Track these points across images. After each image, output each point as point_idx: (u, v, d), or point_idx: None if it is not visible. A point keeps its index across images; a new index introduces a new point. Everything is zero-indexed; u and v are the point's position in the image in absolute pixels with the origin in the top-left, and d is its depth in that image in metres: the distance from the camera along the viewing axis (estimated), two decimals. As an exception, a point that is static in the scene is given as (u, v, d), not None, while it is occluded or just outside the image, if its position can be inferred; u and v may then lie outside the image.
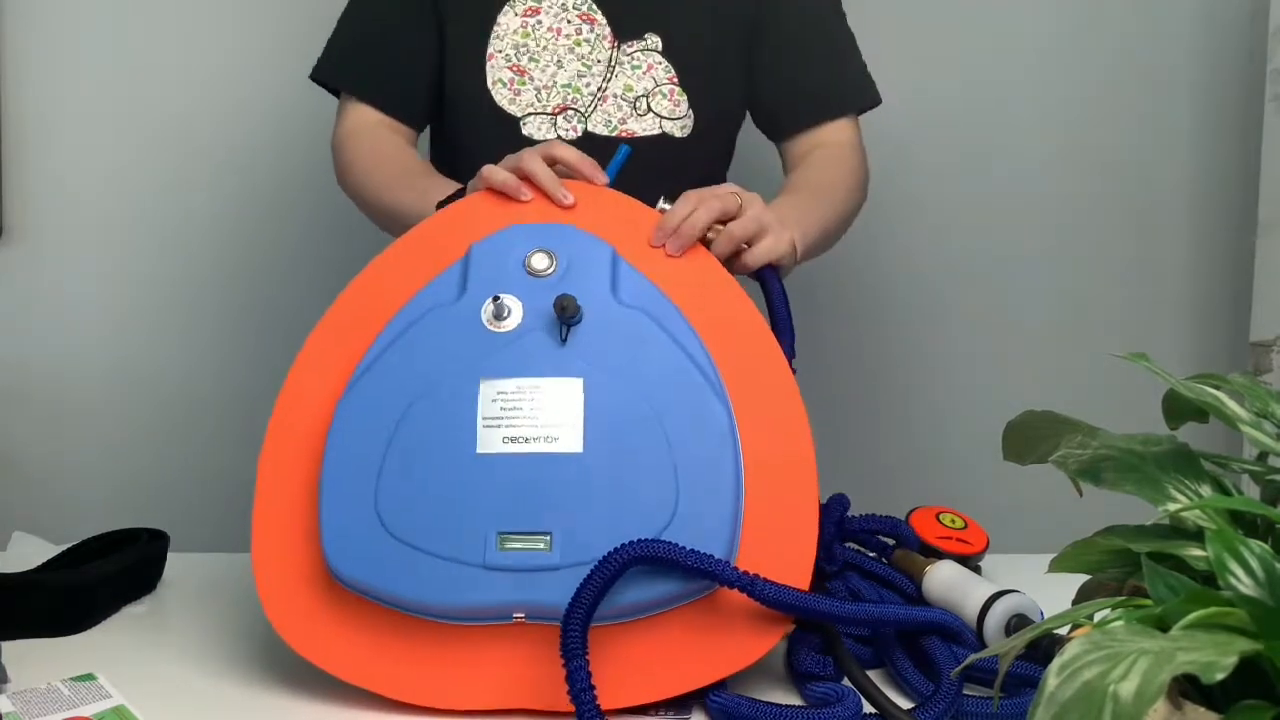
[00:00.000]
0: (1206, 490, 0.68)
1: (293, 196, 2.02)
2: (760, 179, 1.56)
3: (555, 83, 1.38)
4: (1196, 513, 0.65)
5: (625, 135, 1.39)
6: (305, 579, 0.97)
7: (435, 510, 0.93)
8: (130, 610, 1.13)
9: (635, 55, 1.38)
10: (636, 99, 1.38)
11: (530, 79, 1.38)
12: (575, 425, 0.95)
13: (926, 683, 0.95)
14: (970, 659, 0.71)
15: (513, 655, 0.93)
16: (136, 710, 0.92)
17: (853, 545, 1.16)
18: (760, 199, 1.14)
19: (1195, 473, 0.69)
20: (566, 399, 0.96)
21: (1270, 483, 0.71)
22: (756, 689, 0.97)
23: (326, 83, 1.45)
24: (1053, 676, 0.52)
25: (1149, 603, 0.61)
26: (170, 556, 1.20)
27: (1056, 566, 0.70)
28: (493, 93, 1.39)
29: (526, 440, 0.95)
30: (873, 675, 0.95)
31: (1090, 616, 0.63)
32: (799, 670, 0.97)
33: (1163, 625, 0.57)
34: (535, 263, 1.02)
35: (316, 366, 1.02)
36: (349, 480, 0.95)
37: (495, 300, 0.99)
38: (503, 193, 1.09)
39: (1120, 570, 0.69)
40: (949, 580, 1.07)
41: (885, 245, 2.02)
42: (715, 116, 1.43)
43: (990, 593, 1.02)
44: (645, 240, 1.06)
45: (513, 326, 0.99)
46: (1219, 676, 0.50)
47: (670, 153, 1.40)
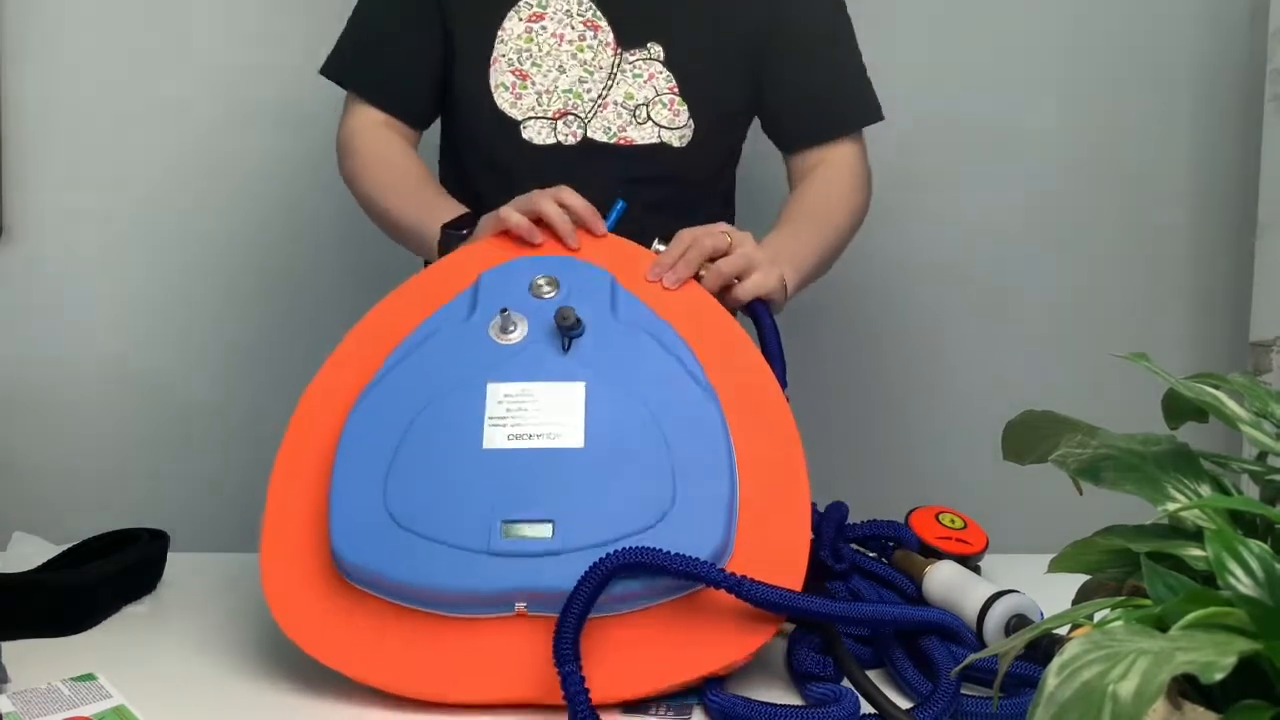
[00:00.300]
0: (1206, 490, 0.68)
1: (294, 197, 2.02)
2: (760, 180, 1.56)
3: (556, 88, 1.39)
4: (1196, 512, 0.65)
5: (624, 143, 1.39)
6: (311, 578, 0.98)
7: (441, 501, 0.96)
8: (130, 610, 1.13)
9: (637, 64, 1.38)
10: (636, 107, 1.39)
11: (532, 83, 1.39)
12: (576, 424, 1.00)
13: (926, 682, 0.95)
14: (970, 659, 0.72)
15: (515, 649, 0.93)
16: (137, 710, 0.92)
17: (853, 545, 1.16)
18: (751, 237, 1.20)
19: (1195, 472, 0.69)
20: (568, 401, 1.01)
21: (1270, 482, 0.71)
22: (757, 689, 0.97)
23: (335, 79, 1.47)
24: (1052, 676, 0.53)
25: (1148, 603, 0.61)
26: (170, 556, 1.19)
27: (1056, 566, 0.70)
28: (495, 96, 1.40)
29: (530, 437, 0.99)
30: (873, 675, 0.95)
31: (1090, 616, 0.63)
32: (799, 670, 0.97)
33: (1162, 625, 0.57)
34: (540, 286, 1.09)
35: (333, 382, 1.07)
36: (359, 476, 0.98)
37: (503, 312, 1.06)
38: (516, 234, 1.15)
39: (1120, 570, 0.69)
40: (949, 580, 1.07)
41: (885, 245, 2.01)
42: (715, 127, 1.44)
43: (990, 593, 1.02)
44: (641, 274, 1.12)
45: (518, 339, 1.05)
46: (1218, 676, 0.50)
47: (668, 162, 1.41)
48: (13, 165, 2.00)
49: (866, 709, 0.92)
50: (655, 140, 1.40)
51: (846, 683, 0.94)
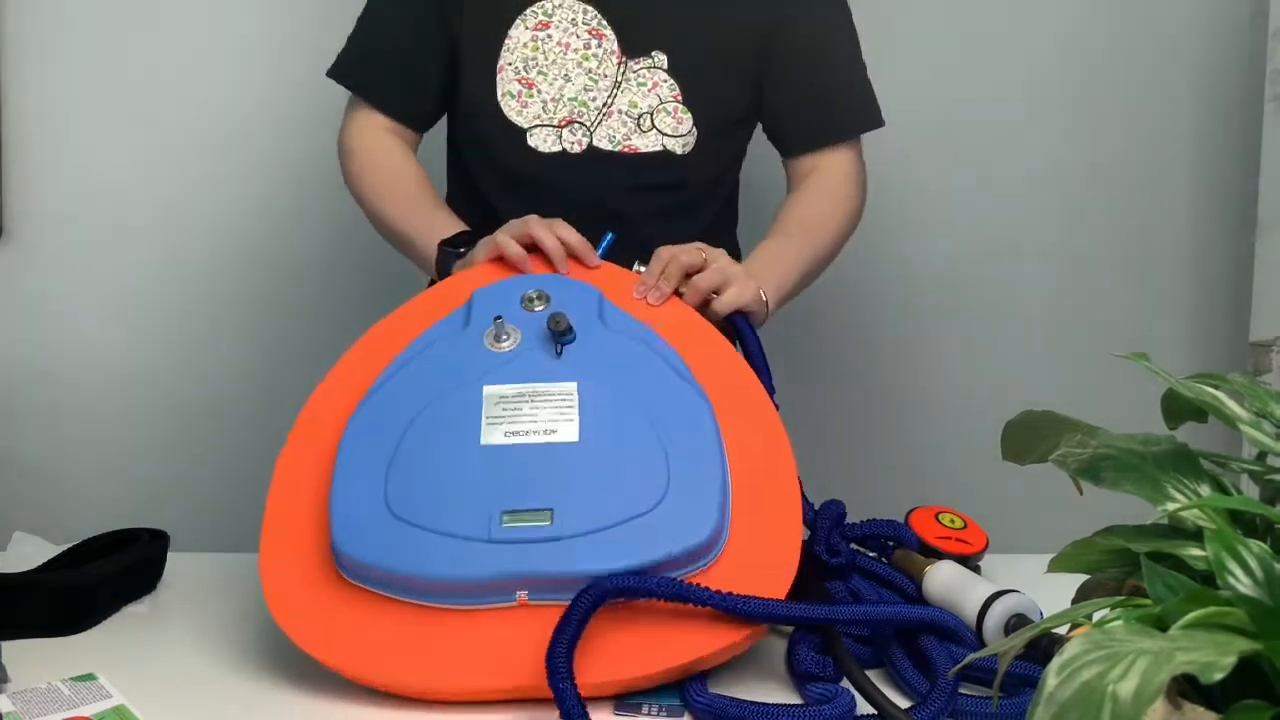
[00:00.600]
0: (1206, 490, 0.68)
1: (295, 197, 2.02)
2: (764, 181, 1.56)
3: (562, 96, 1.40)
4: (1195, 512, 0.65)
5: (628, 151, 1.40)
6: (311, 578, 0.99)
7: (440, 495, 0.98)
8: (130, 610, 1.13)
9: (641, 73, 1.39)
10: (640, 116, 1.39)
11: (538, 91, 1.40)
12: (571, 420, 1.03)
13: (925, 682, 0.95)
14: (969, 658, 0.72)
15: (515, 641, 0.93)
16: (137, 710, 0.92)
17: (853, 546, 1.16)
18: (725, 253, 1.24)
19: (1194, 472, 0.69)
20: (563, 400, 1.04)
21: (1269, 482, 0.71)
22: (757, 689, 0.97)
23: (340, 82, 1.48)
24: (1052, 676, 0.53)
25: (1148, 602, 0.61)
26: (170, 556, 1.19)
27: (1056, 566, 0.70)
28: (501, 104, 1.41)
29: (527, 434, 1.02)
30: (873, 675, 0.95)
31: (1089, 616, 0.63)
32: (798, 670, 0.97)
33: (1162, 625, 0.57)
34: (531, 300, 1.12)
35: (332, 393, 1.10)
36: (359, 474, 1.00)
37: (497, 320, 1.09)
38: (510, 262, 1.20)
39: (1119, 570, 0.69)
40: (948, 580, 1.07)
41: (885, 245, 2.01)
42: (717, 133, 1.44)
43: (990, 592, 1.02)
44: (627, 294, 1.17)
45: (512, 347, 1.09)
46: (1218, 676, 0.50)
47: (672, 169, 1.42)
48: (13, 165, 2.00)
49: (866, 709, 0.92)
50: (659, 148, 1.41)
51: (846, 683, 0.94)
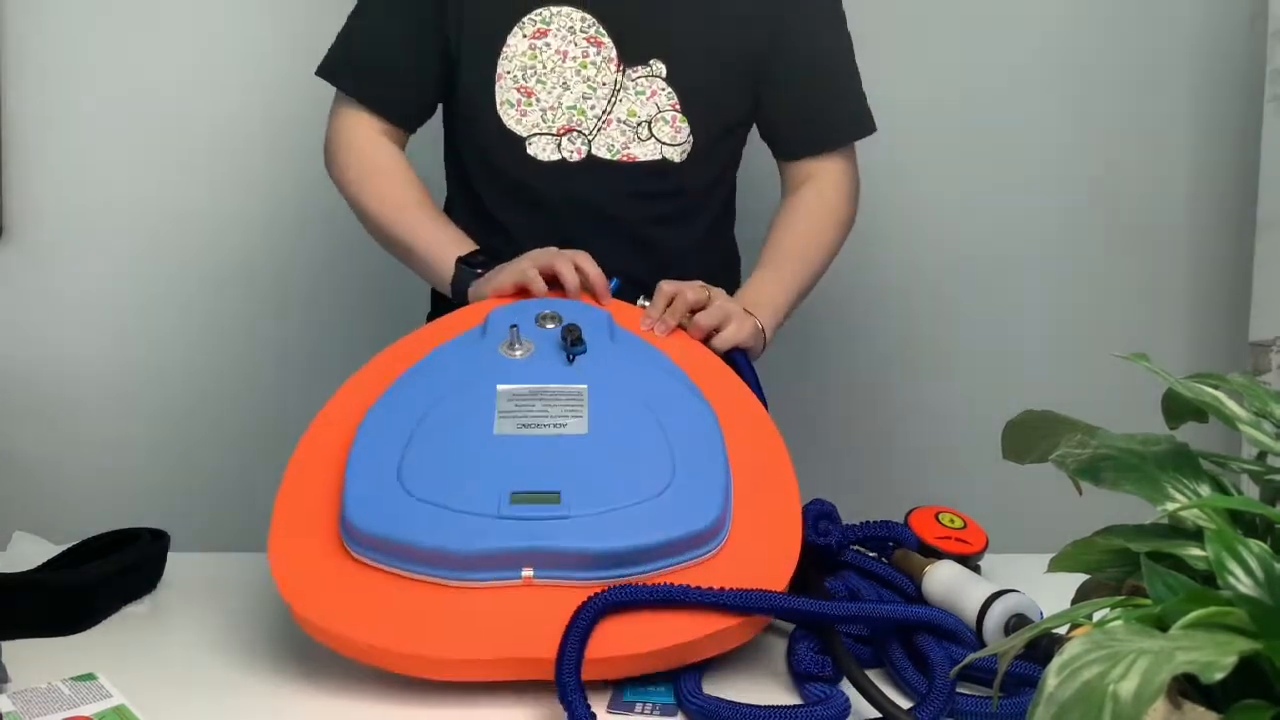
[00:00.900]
0: (1206, 490, 0.68)
1: (294, 197, 2.02)
2: (762, 183, 1.56)
3: (561, 104, 1.40)
4: (1195, 512, 0.65)
5: (627, 160, 1.41)
6: (319, 557, 1.00)
7: (452, 475, 1.02)
8: (130, 610, 1.13)
9: (639, 81, 1.39)
10: (639, 124, 1.40)
11: (536, 100, 1.40)
12: (581, 417, 1.08)
13: (924, 682, 0.95)
14: (969, 658, 0.72)
15: (519, 619, 0.94)
16: (137, 710, 0.92)
17: (854, 546, 1.16)
18: (724, 292, 1.30)
19: (1194, 472, 0.69)
20: (573, 399, 1.10)
21: (1269, 482, 0.71)
22: (757, 689, 0.97)
23: (330, 81, 1.47)
24: (1052, 676, 0.53)
25: (1148, 602, 0.61)
26: (170, 556, 1.19)
27: (1056, 566, 0.70)
28: (500, 113, 1.41)
29: (538, 426, 1.07)
30: (873, 675, 0.95)
31: (1090, 616, 0.63)
32: (798, 670, 0.97)
33: (1162, 625, 0.57)
34: (544, 318, 1.19)
35: (351, 397, 1.13)
36: (374, 457, 1.04)
37: (512, 328, 1.16)
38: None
39: (1119, 570, 0.69)
40: (948, 580, 1.07)
41: (885, 245, 2.02)
42: (714, 140, 1.45)
43: (989, 592, 1.02)
44: (634, 325, 1.23)
45: (525, 355, 1.15)
46: (1218, 676, 0.50)
47: (670, 177, 1.43)
48: (13, 165, 2.00)
49: (865, 709, 0.92)
50: (658, 156, 1.42)
51: (846, 683, 0.94)
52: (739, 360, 1.26)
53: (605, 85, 1.39)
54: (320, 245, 2.02)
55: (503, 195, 1.44)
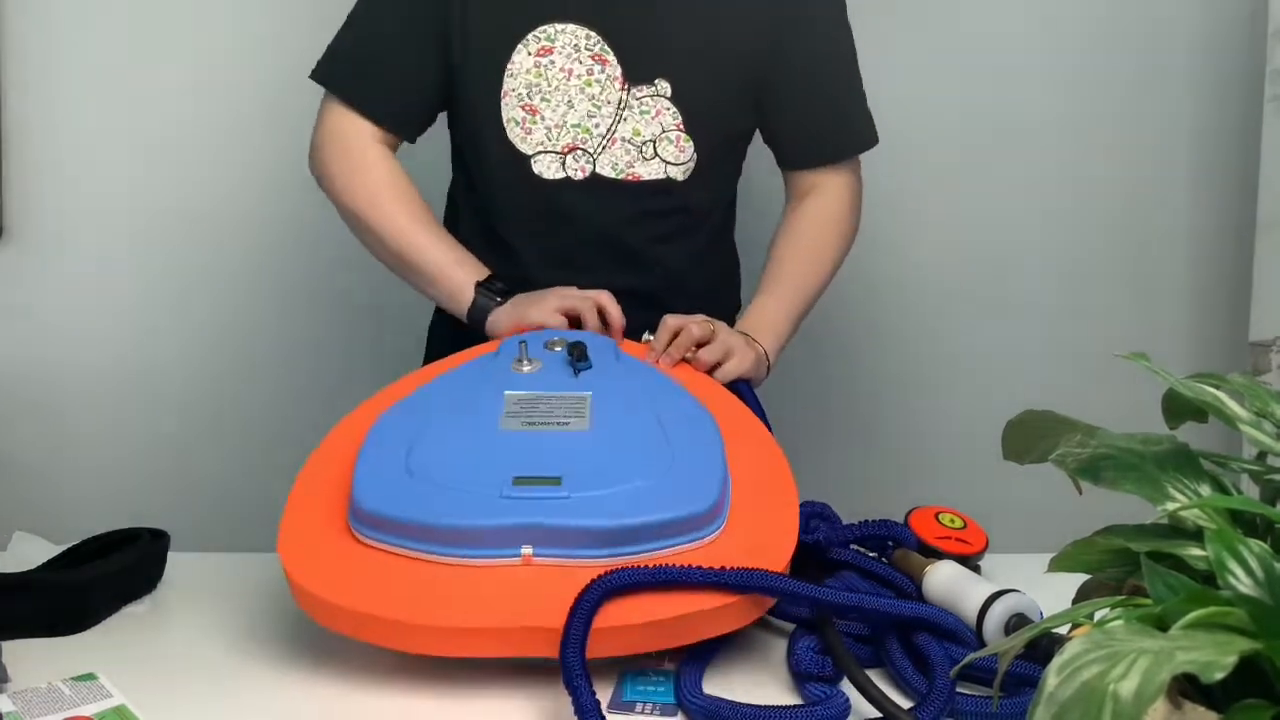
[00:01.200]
0: (1206, 489, 0.68)
1: (295, 197, 2.01)
2: (760, 184, 1.56)
3: (566, 122, 1.39)
4: (1196, 512, 0.65)
5: (631, 179, 1.40)
6: (326, 542, 1.02)
7: (458, 461, 1.05)
8: (130, 610, 1.13)
9: (644, 100, 1.39)
10: (644, 144, 1.39)
11: (541, 118, 1.39)
12: (584, 416, 1.12)
13: (924, 681, 0.95)
14: (969, 658, 0.72)
15: (522, 595, 0.95)
16: (137, 710, 0.92)
17: (854, 546, 1.16)
18: (726, 326, 1.33)
19: (1195, 472, 0.69)
20: (577, 402, 1.14)
21: (1269, 482, 0.71)
22: (757, 689, 0.97)
23: (327, 85, 1.45)
24: (1052, 676, 0.53)
25: (1148, 602, 0.61)
26: (170, 556, 1.19)
27: (1056, 566, 0.70)
28: (506, 130, 1.40)
29: (542, 424, 1.11)
30: (872, 675, 0.95)
31: (1090, 616, 0.63)
32: (797, 670, 0.97)
33: (1162, 625, 0.57)
34: (553, 344, 1.25)
35: (365, 412, 1.17)
36: (384, 451, 1.07)
37: (522, 343, 1.21)
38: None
39: (1120, 570, 0.69)
40: (948, 580, 1.07)
41: (885, 245, 2.01)
42: (718, 158, 1.45)
43: (990, 592, 1.02)
44: (638, 354, 1.27)
45: (533, 370, 1.20)
46: (1218, 676, 0.50)
47: (674, 195, 1.43)
48: (13, 165, 2.00)
49: (865, 709, 0.92)
50: (661, 175, 1.41)
51: (846, 683, 0.94)
52: (742, 390, 1.29)
53: (610, 104, 1.39)
54: (321, 245, 2.01)
55: (506, 212, 1.43)
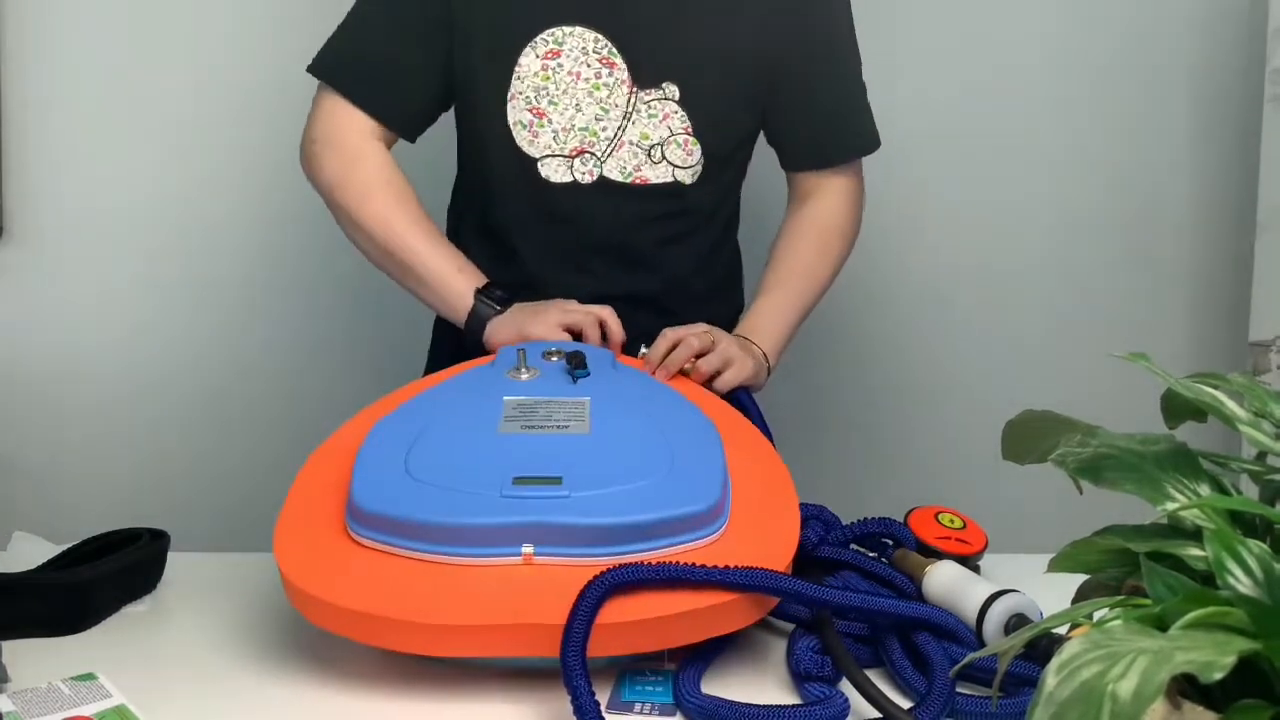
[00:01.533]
0: (1205, 490, 0.68)
1: (295, 197, 2.00)
2: (761, 183, 1.56)
3: (573, 125, 1.39)
4: (1195, 512, 0.65)
5: (639, 183, 1.40)
6: (322, 543, 1.01)
7: (457, 462, 1.05)
8: (130, 610, 1.13)
9: (653, 104, 1.39)
10: (652, 147, 1.39)
11: (549, 121, 1.39)
12: (583, 420, 1.12)
13: (924, 681, 0.95)
14: (969, 658, 0.72)
15: (522, 593, 0.94)
16: (137, 710, 0.92)
17: (853, 546, 1.16)
18: (727, 335, 1.33)
19: (1194, 472, 0.69)
20: (576, 407, 1.14)
21: (1269, 482, 0.71)
22: (756, 689, 0.97)
23: (327, 80, 1.44)
24: (1051, 676, 0.53)
25: (1148, 602, 0.61)
26: (170, 556, 1.19)
27: (1055, 566, 0.70)
28: (512, 133, 1.40)
29: (541, 428, 1.11)
30: (872, 675, 0.95)
31: (1089, 616, 0.63)
32: (797, 670, 0.97)
33: (1161, 625, 0.57)
34: (551, 354, 1.24)
35: (364, 419, 1.17)
36: (382, 453, 1.07)
37: (520, 351, 1.21)
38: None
39: (1119, 570, 0.69)
40: (948, 580, 1.07)
41: (885, 245, 2.01)
42: (724, 161, 1.45)
43: (989, 592, 1.02)
44: (636, 367, 1.28)
45: (531, 378, 1.20)
46: (1217, 676, 0.50)
47: (681, 198, 1.43)
48: (13, 165, 2.00)
49: (864, 710, 0.92)
50: (669, 179, 1.41)
51: (846, 684, 0.94)
52: (742, 399, 1.29)
53: (618, 107, 1.38)
54: (322, 245, 2.01)
55: (512, 215, 1.43)
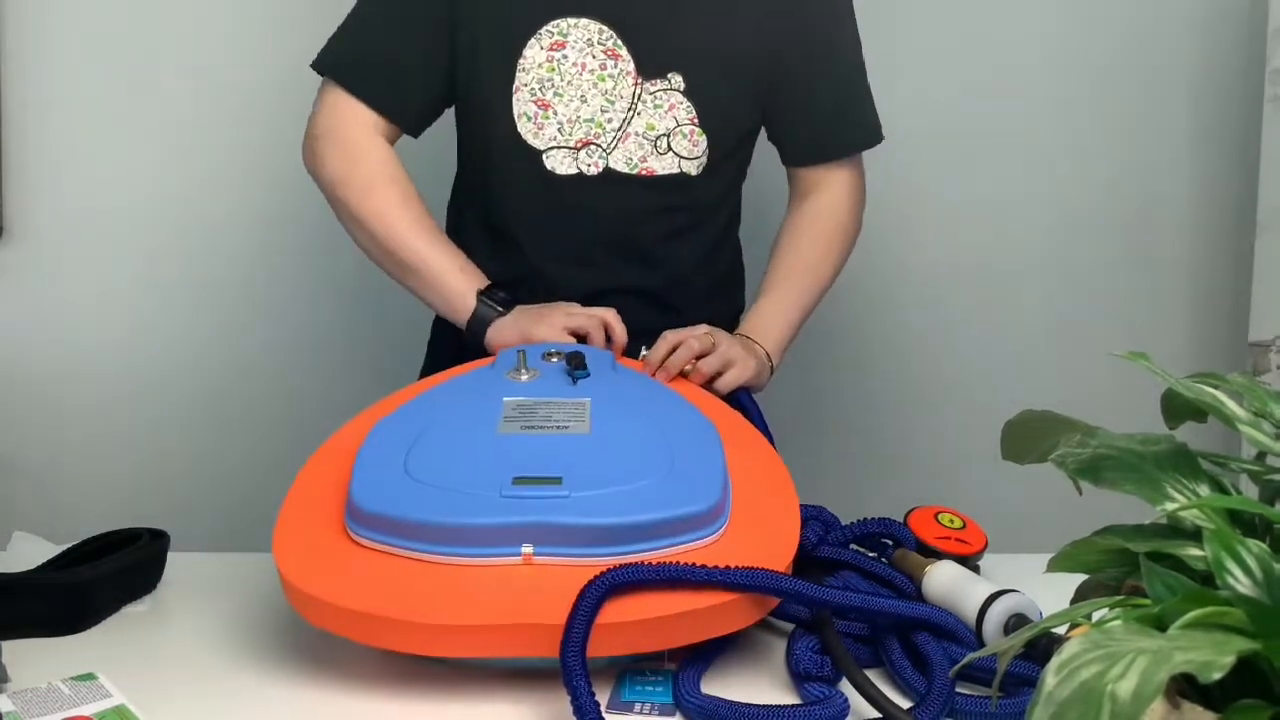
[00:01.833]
0: (1205, 490, 0.68)
1: (295, 197, 2.01)
2: (763, 180, 1.56)
3: (579, 117, 1.38)
4: (1195, 512, 0.65)
5: (645, 174, 1.40)
6: (321, 544, 1.01)
7: (457, 463, 1.05)
8: (130, 610, 1.13)
9: (658, 94, 1.38)
10: (658, 138, 1.39)
11: (554, 113, 1.38)
12: (584, 421, 1.12)
13: (924, 681, 0.95)
14: (968, 658, 0.72)
15: (521, 593, 0.94)
16: (137, 710, 0.92)
17: (853, 546, 1.16)
18: (728, 336, 1.33)
19: (1194, 472, 0.69)
20: (576, 407, 1.14)
21: (1268, 482, 0.71)
22: (756, 689, 0.97)
23: (331, 76, 1.43)
24: (1051, 676, 0.53)
25: (1147, 602, 0.61)
26: (170, 556, 1.19)
27: (1055, 566, 0.70)
28: (517, 125, 1.39)
29: (541, 428, 1.10)
30: (871, 675, 0.95)
31: (1089, 616, 0.63)
32: (796, 670, 0.97)
33: (1161, 625, 0.57)
34: (551, 355, 1.24)
35: (364, 420, 1.16)
36: (382, 454, 1.06)
37: (520, 353, 1.21)
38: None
39: (1119, 570, 0.69)
40: (948, 580, 1.07)
41: (886, 245, 2.01)
42: (729, 153, 1.45)
43: (989, 592, 1.02)
44: (636, 369, 1.28)
45: (531, 380, 1.20)
46: (1216, 676, 0.50)
47: (686, 190, 1.42)
48: (13, 165, 2.00)
49: (864, 710, 0.92)
50: (675, 170, 1.41)
51: (846, 684, 0.94)
52: (743, 399, 1.29)
53: (623, 98, 1.38)
54: (323, 245, 2.01)
55: (516, 208, 1.42)
